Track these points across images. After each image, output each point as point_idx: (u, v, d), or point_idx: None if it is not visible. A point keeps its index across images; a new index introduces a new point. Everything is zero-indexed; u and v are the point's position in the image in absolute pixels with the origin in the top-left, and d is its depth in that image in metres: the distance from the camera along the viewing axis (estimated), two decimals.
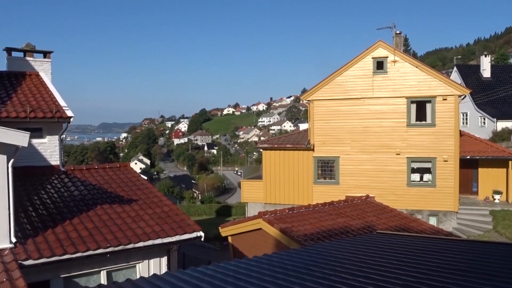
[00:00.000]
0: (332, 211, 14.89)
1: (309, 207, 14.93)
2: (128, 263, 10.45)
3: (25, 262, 8.84)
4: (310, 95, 22.60)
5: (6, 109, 12.54)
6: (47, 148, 13.28)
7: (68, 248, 9.41)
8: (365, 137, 21.86)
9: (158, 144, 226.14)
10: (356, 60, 21.89)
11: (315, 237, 12.53)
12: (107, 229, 10.39)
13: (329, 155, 22.41)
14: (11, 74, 15.14)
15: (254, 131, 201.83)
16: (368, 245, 8.50)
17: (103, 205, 11.52)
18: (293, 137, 24.33)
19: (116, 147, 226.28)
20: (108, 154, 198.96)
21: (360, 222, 14.10)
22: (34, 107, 13.09)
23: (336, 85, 22.15)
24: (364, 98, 21.76)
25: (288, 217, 13.83)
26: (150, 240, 10.33)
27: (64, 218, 10.54)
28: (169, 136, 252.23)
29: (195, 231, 11.06)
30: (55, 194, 11.72)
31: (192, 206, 40.32)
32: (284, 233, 12.77)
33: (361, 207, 15.64)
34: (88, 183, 12.82)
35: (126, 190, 12.83)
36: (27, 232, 9.72)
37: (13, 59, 16.05)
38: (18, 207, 10.70)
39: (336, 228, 13.35)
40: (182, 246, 26.43)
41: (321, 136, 22.46)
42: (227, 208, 36.93)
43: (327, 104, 22.32)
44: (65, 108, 13.49)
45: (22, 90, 14.17)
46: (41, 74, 15.66)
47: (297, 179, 23.11)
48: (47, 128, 13.28)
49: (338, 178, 22.26)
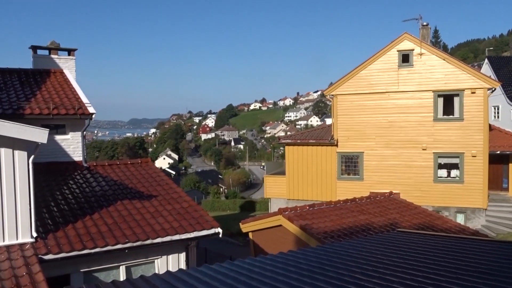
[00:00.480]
0: (354, 208, 14.63)
1: (330, 203, 14.72)
2: (147, 258, 10.53)
3: (45, 257, 9.00)
4: (333, 89, 22.26)
5: (30, 106, 12.81)
6: (70, 144, 13.51)
7: (87, 243, 9.54)
8: (390, 132, 21.39)
9: (186, 139, 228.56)
10: (381, 53, 21.41)
11: (335, 235, 12.33)
12: (126, 224, 10.48)
13: (353, 151, 22.05)
14: (36, 72, 15.46)
15: (281, 126, 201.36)
16: (387, 243, 8.27)
17: (123, 201, 11.64)
18: (317, 133, 24.06)
19: (145, 142, 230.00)
20: (137, 149, 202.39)
21: (382, 219, 13.80)
22: (57, 104, 13.32)
23: (360, 79, 21.74)
24: (389, 92, 21.29)
25: (309, 213, 13.66)
26: (168, 236, 10.36)
27: (85, 214, 10.70)
28: (196, 131, 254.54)
29: (213, 227, 11.04)
30: (77, 190, 11.91)
31: (216, 201, 40.53)
32: (304, 230, 12.62)
33: (384, 204, 15.32)
34: (110, 178, 12.98)
35: (146, 186, 12.93)
36: (48, 227, 9.90)
37: (38, 57, 16.38)
38: (41, 203, 10.93)
39: (357, 226, 13.11)
40: (204, 241, 26.57)
41: (345, 131, 22.12)
42: (251, 204, 36.93)
43: (351, 99, 21.95)
44: (87, 105, 13.68)
45: (46, 87, 14.44)
46: (65, 71, 15.93)
47: (320, 175, 22.85)
48: (70, 124, 13.50)
49: (362, 174, 21.89)
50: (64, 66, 16.61)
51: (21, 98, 13.23)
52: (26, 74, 15.11)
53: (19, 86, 14.07)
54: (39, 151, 12.97)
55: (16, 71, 15.15)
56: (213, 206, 39.01)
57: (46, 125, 13.24)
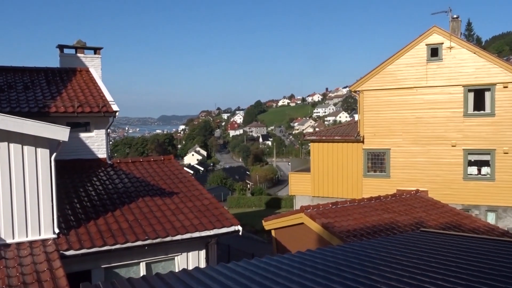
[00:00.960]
0: (378, 206, 14.32)
1: (354, 201, 14.45)
2: (167, 255, 10.57)
3: (66, 252, 9.16)
4: (359, 85, 21.85)
5: (55, 104, 13.07)
6: (94, 142, 13.72)
7: (108, 239, 9.65)
8: (417, 128, 20.85)
9: (214, 135, 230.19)
10: (409, 48, 20.86)
11: (358, 233, 12.09)
12: (146, 221, 10.56)
13: (379, 147, 21.61)
14: (63, 71, 15.77)
15: (309, 122, 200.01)
16: (407, 244, 8.01)
17: (144, 198, 11.73)
18: (342, 129, 23.70)
19: (174, 139, 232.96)
20: (166, 145, 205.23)
21: (407, 218, 13.46)
22: (82, 102, 13.54)
23: (387, 74, 21.25)
24: (417, 87, 20.73)
25: (331, 211, 13.46)
26: (187, 233, 10.38)
27: (107, 210, 10.84)
28: (225, 128, 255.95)
29: (233, 225, 11.00)
30: (100, 187, 12.08)
31: (242, 197, 40.57)
32: (326, 228, 12.43)
33: (410, 202, 14.93)
34: (132, 175, 13.12)
35: (168, 183, 13.01)
36: (71, 223, 10.06)
37: (65, 56, 16.70)
38: (64, 199, 11.14)
39: (381, 224, 12.82)
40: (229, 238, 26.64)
41: (371, 127, 21.69)
42: (277, 201, 36.78)
43: (377, 94, 21.49)
44: (111, 103, 13.85)
45: (72, 85, 14.71)
46: (91, 70, 16.19)
47: (346, 172, 22.51)
48: (95, 122, 13.71)
49: (389, 171, 21.43)
50: (90, 64, 16.88)
51: (47, 97, 13.52)
52: (53, 73, 15.44)
53: (46, 85, 14.38)
54: (64, 148, 13.25)
55: (44, 70, 15.49)
56: (238, 202, 39.05)
57: (71, 123, 13.50)
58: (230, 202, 40.16)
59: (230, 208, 38.70)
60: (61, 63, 16.67)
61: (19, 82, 14.15)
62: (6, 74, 14.64)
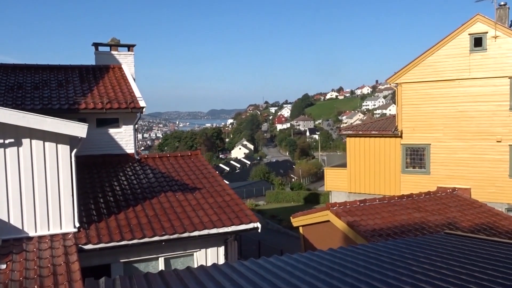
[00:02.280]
0: (409, 204, 13.73)
1: (383, 199, 13.93)
2: (186, 251, 10.63)
3: (85, 246, 9.40)
4: (397, 78, 21.01)
5: (85, 101, 13.44)
6: (123, 137, 14.01)
7: (125, 234, 9.81)
8: (459, 122, 19.79)
9: (262, 129, 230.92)
10: (450, 38, 19.79)
11: (384, 233, 11.64)
12: (166, 217, 10.64)
13: (418, 143, 20.72)
14: (96, 68, 16.20)
15: (358, 115, 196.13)
16: (426, 248, 7.55)
17: (167, 193, 11.85)
18: (380, 124, 22.93)
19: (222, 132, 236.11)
20: (214, 139, 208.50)
21: (440, 218, 12.81)
22: (111, 99, 13.85)
23: (426, 66, 20.29)
24: (459, 79, 19.65)
25: (358, 209, 13.04)
26: (205, 230, 10.37)
27: (128, 205, 11.03)
28: (272, 121, 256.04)
29: (252, 222, 10.87)
30: (125, 182, 12.32)
31: (280, 192, 40.27)
32: (351, 227, 12.07)
33: (445, 201, 14.20)
34: (158, 171, 13.29)
35: (192, 178, 13.07)
36: (92, 217, 10.31)
37: (100, 53, 17.15)
38: (89, 194, 11.44)
39: (410, 224, 12.28)
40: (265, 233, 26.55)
41: (410, 122, 20.83)
42: (315, 196, 36.23)
43: (416, 87, 20.58)
44: (139, 99, 14.08)
45: (103, 82, 15.08)
46: (123, 66, 16.53)
47: (383, 167, 21.79)
48: (123, 118, 13.98)
49: (428, 168, 20.52)
50: (124, 61, 17.24)
51: (79, 94, 13.93)
52: (87, 71, 15.89)
53: (79, 82, 14.83)
54: (95, 144, 13.63)
55: (78, 68, 15.98)
56: (277, 197, 38.82)
57: (101, 119, 13.92)
58: (269, 196, 40.00)
59: (268, 203, 38.63)
60: (97, 60, 17.15)
61: (53, 80, 14.67)
62: (43, 72, 15.23)
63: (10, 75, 14.49)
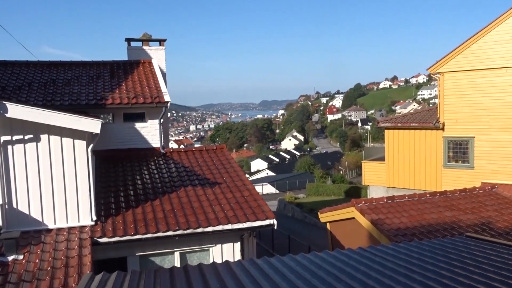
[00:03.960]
0: (441, 202, 13.01)
1: (414, 196, 13.29)
2: (201, 246, 10.62)
3: (100, 240, 9.62)
4: (439, 66, 19.84)
5: (112, 96, 13.73)
6: (149, 131, 14.21)
7: (140, 228, 9.94)
8: (507, 114, 18.39)
9: (312, 120, 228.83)
10: (498, 22, 18.37)
11: (409, 233, 11.11)
12: (182, 212, 10.68)
13: (462, 135, 19.51)
14: (127, 63, 16.53)
15: (412, 105, 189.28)
16: (438, 254, 7.04)
17: (186, 187, 11.90)
18: (420, 115, 21.82)
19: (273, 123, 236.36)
20: (265, 130, 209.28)
21: (473, 217, 12.04)
22: (138, 93, 14.06)
23: (471, 53, 18.98)
24: (507, 67, 18.25)
25: (385, 207, 12.52)
26: (219, 226, 10.31)
27: (147, 199, 11.17)
28: (323, 112, 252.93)
29: (268, 219, 10.69)
30: (147, 176, 12.50)
31: (321, 185, 39.51)
32: (375, 225, 11.62)
33: (482, 199, 13.33)
34: (181, 165, 13.38)
35: (214, 172, 13.04)
36: (111, 211, 10.53)
37: (132, 48, 17.50)
38: (112, 187, 11.70)
39: (439, 223, 11.64)
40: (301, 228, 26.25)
41: (453, 113, 19.63)
42: (357, 189, 35.26)
43: (460, 77, 19.33)
44: (164, 93, 14.20)
45: (132, 77, 15.35)
46: (153, 61, 16.74)
47: (423, 161, 20.76)
48: (149, 112, 14.17)
49: (472, 162, 19.29)
50: (155, 56, 17.50)
51: (107, 89, 14.25)
52: (117, 66, 16.24)
53: (108, 78, 15.18)
54: (122, 138, 13.90)
55: (110, 63, 16.36)
56: (317, 190, 38.15)
57: (128, 114, 14.18)
58: (309, 189, 39.39)
59: (308, 195, 38.10)
60: (129, 55, 17.51)
61: (84, 76, 15.11)
62: (76, 68, 15.73)
63: (44, 72, 15.07)
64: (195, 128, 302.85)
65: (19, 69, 14.88)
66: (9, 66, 14.94)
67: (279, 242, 20.88)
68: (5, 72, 14.51)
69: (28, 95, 13.15)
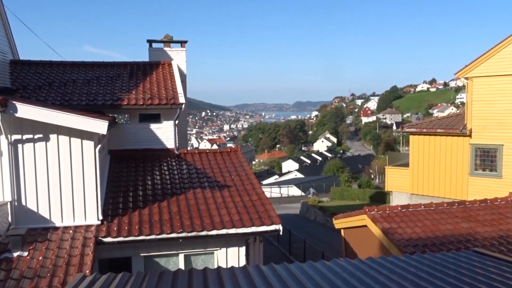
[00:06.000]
0: (459, 213, 12.47)
1: (430, 205, 12.81)
2: (206, 249, 10.59)
3: (104, 239, 9.72)
4: (468, 71, 19.13)
5: (128, 97, 13.91)
6: (163, 132, 14.32)
7: (144, 229, 9.99)
8: None
9: (346, 122, 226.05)
10: None
11: (421, 244, 10.71)
12: (188, 214, 10.69)
13: (490, 143, 18.75)
14: (147, 65, 16.73)
15: (450, 109, 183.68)
16: (436, 269, 6.72)
17: (195, 189, 11.90)
18: (447, 121, 21.09)
19: (306, 125, 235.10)
20: (297, 131, 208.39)
21: (491, 229, 11.47)
22: (154, 95, 14.20)
23: (502, 58, 18.21)
24: None
25: (398, 215, 12.12)
26: (224, 229, 10.25)
27: (155, 200, 11.24)
28: (357, 114, 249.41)
29: (274, 224, 10.55)
30: (158, 177, 12.58)
31: (346, 189, 38.77)
32: (386, 234, 11.26)
33: (503, 210, 12.69)
34: (193, 167, 13.40)
35: (225, 175, 12.99)
36: (118, 211, 10.64)
37: (153, 50, 17.73)
38: (122, 187, 11.83)
39: (453, 235, 11.16)
40: (322, 232, 25.85)
41: (481, 120, 18.90)
42: (382, 195, 34.42)
43: (489, 82, 18.58)
44: (179, 95, 14.28)
45: (150, 79, 15.52)
46: (172, 62, 16.87)
47: (449, 169, 20.07)
48: (164, 113, 14.27)
49: (500, 171, 18.51)
50: (176, 57, 17.67)
51: (124, 90, 14.46)
52: (137, 67, 16.46)
53: (127, 78, 15.40)
54: (138, 139, 14.07)
55: (130, 64, 16.61)
56: (342, 194, 37.46)
57: (144, 115, 14.35)
58: (334, 193, 38.71)
59: (332, 199, 37.48)
60: (150, 56, 17.74)
61: (104, 76, 15.39)
62: (97, 69, 16.04)
63: (66, 72, 15.45)
64: (229, 127, 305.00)
65: (42, 69, 15.31)
66: (33, 66, 15.39)
67: (298, 246, 20.66)
68: (29, 72, 14.96)
69: (47, 95, 13.50)
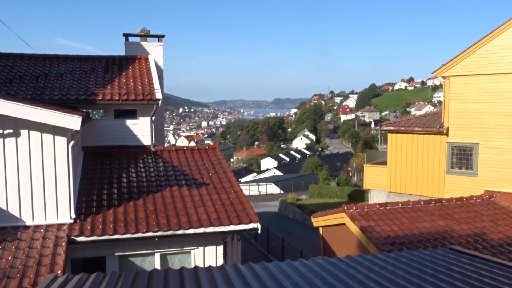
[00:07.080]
0: (436, 210, 12.59)
1: (407, 203, 12.89)
2: (183, 248, 10.39)
3: (77, 238, 9.42)
4: (445, 70, 19.30)
5: (103, 92, 13.54)
6: (140, 129, 14.00)
7: (119, 228, 9.72)
8: None
9: (325, 120, 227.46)
10: (506, 26, 17.80)
11: (399, 241, 10.75)
12: (164, 212, 10.46)
13: (466, 141, 18.96)
14: (123, 59, 16.33)
15: (428, 107, 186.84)
16: (412, 266, 6.69)
17: (172, 187, 11.66)
18: (424, 119, 21.29)
19: (285, 122, 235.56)
20: (276, 129, 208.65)
21: (467, 227, 11.61)
22: (130, 90, 13.86)
23: (478, 57, 18.42)
24: None
25: (376, 213, 12.15)
26: (201, 228, 10.07)
27: (130, 198, 10.96)
28: (336, 112, 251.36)
29: (252, 222, 10.41)
30: (133, 174, 12.28)
31: (324, 187, 38.96)
32: (364, 232, 11.27)
33: (478, 208, 12.89)
34: (170, 164, 13.15)
35: (203, 173, 12.79)
36: (92, 209, 10.33)
37: (130, 44, 17.33)
38: (96, 185, 11.50)
39: (430, 233, 11.24)
40: (305, 230, 25.86)
41: (458, 118, 19.10)
42: (360, 193, 34.72)
43: (466, 81, 18.78)
44: (156, 91, 13.98)
45: (126, 73, 15.15)
46: (151, 57, 16.53)
47: (426, 167, 20.26)
48: (140, 109, 13.95)
49: (476, 169, 18.75)
50: (153, 52, 17.32)
51: (99, 84, 14.08)
52: (113, 61, 16.06)
53: (102, 73, 15.00)
54: (113, 135, 13.71)
55: (105, 58, 16.19)
56: (320, 192, 37.64)
57: (119, 110, 13.99)
58: (312, 191, 38.90)
59: (311, 197, 37.65)
60: (126, 51, 17.34)
61: (78, 70, 14.96)
62: (70, 62, 15.58)
63: (38, 65, 14.95)
64: (207, 124, 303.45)
65: (13, 62, 14.79)
66: (3, 58, 14.85)
67: (276, 244, 20.59)
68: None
69: (18, 88, 13.03)
